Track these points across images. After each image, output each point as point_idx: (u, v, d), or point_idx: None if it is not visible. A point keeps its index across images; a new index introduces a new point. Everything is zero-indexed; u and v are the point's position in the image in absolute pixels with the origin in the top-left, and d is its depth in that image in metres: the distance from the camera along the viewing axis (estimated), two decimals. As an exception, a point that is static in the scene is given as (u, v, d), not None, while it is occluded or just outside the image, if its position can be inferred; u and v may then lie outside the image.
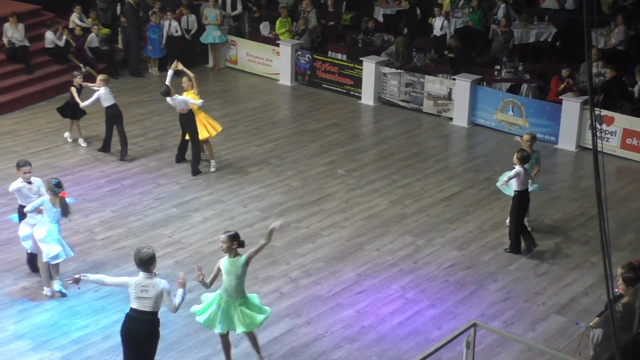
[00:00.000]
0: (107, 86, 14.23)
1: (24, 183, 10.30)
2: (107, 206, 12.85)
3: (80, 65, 18.61)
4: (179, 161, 14.53)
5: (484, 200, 13.33)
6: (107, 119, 14.52)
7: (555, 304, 10.38)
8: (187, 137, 14.12)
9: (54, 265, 10.12)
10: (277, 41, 19.75)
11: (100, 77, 14.41)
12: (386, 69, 17.91)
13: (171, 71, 14.19)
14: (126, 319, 7.95)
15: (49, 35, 18.55)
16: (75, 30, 19.15)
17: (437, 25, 19.49)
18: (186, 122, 13.89)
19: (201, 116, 14.06)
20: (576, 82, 16.23)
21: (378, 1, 22.59)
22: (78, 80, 14.82)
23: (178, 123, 14.21)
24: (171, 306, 7.87)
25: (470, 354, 7.91)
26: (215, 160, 14.43)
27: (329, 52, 19.69)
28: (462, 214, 12.85)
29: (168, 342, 9.29)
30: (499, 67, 17.38)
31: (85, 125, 15.57)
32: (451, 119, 17.07)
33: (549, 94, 16.41)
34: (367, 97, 18.19)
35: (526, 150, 11.39)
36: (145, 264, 7.82)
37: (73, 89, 14.73)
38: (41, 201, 9.93)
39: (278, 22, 20.16)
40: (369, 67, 18.00)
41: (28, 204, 10.13)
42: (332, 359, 9.20)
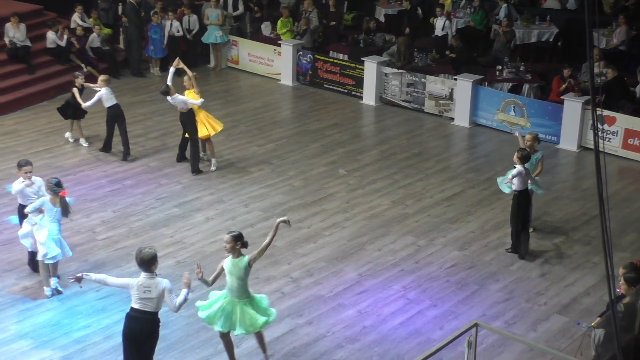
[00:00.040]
0: (108, 87, 14.23)
1: (26, 181, 10.31)
2: (109, 206, 12.86)
3: (82, 65, 18.63)
4: (180, 160, 14.53)
5: (485, 201, 13.32)
6: (109, 119, 14.53)
7: (556, 304, 10.38)
8: (186, 136, 14.15)
9: (52, 264, 10.14)
10: (279, 41, 19.74)
11: (101, 77, 14.41)
12: (388, 69, 17.91)
13: (172, 69, 14.20)
14: (128, 319, 7.95)
15: (50, 35, 18.56)
16: (77, 30, 19.16)
17: (439, 25, 19.49)
18: (186, 120, 13.91)
19: (202, 115, 14.07)
20: (577, 82, 16.22)
21: (379, 1, 22.59)
22: (80, 81, 14.82)
23: (179, 123, 14.21)
24: (172, 305, 7.87)
25: (472, 354, 7.92)
26: (217, 160, 14.44)
27: (331, 52, 19.68)
28: (464, 214, 12.85)
29: (169, 341, 9.30)
30: (500, 67, 17.38)
31: (87, 125, 15.58)
32: (453, 119, 17.06)
33: (551, 94, 16.40)
34: (369, 97, 18.18)
35: (526, 149, 11.37)
36: (146, 264, 7.82)
37: (75, 89, 14.74)
38: (41, 202, 9.94)
39: (279, 22, 20.17)
40: (370, 67, 18.00)
41: (29, 203, 10.14)
42: (333, 359, 9.20)
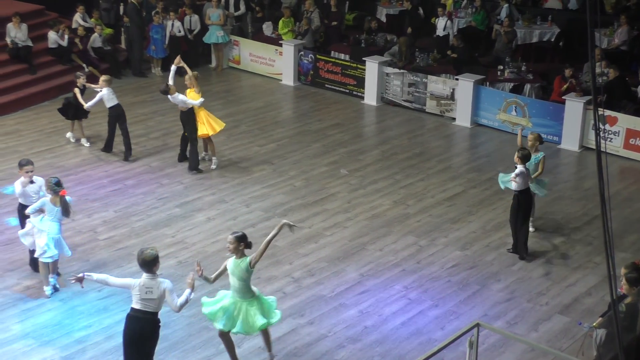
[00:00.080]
0: (109, 87, 14.24)
1: (27, 179, 10.32)
2: (110, 206, 12.86)
3: (84, 65, 18.63)
4: (182, 160, 14.52)
5: (487, 200, 13.32)
6: (110, 119, 14.54)
7: (558, 304, 10.37)
8: (186, 134, 14.17)
9: (52, 262, 10.14)
10: (280, 41, 19.74)
11: (103, 77, 14.42)
12: (389, 69, 17.90)
13: (174, 67, 14.23)
14: (128, 319, 7.95)
15: (51, 35, 18.56)
16: (78, 30, 19.16)
17: (440, 25, 19.49)
18: (186, 119, 13.95)
19: (202, 114, 14.06)
20: (579, 82, 16.21)
21: (381, 1, 22.60)
22: (81, 81, 14.82)
23: (180, 122, 14.22)
24: (173, 305, 7.86)
25: (473, 354, 7.92)
26: (218, 159, 14.44)
27: (332, 52, 19.69)
28: (465, 214, 12.84)
29: (171, 341, 9.30)
30: (502, 67, 17.37)
31: (88, 125, 15.58)
32: (454, 119, 17.06)
33: (552, 94, 16.39)
34: (370, 97, 18.18)
35: (527, 149, 11.36)
36: (148, 265, 7.82)
37: (77, 89, 14.74)
38: (41, 203, 9.94)
39: (281, 22, 20.16)
40: (371, 67, 18.00)
41: (29, 203, 10.16)
42: (334, 359, 9.20)
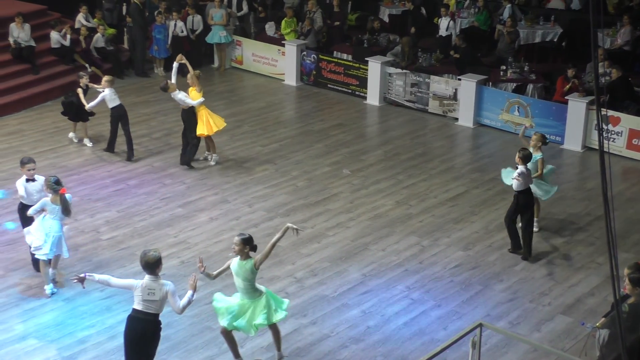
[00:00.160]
0: (112, 87, 14.24)
1: (27, 177, 10.35)
2: (113, 206, 12.87)
3: (86, 66, 18.65)
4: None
5: (489, 201, 13.31)
6: (112, 119, 14.54)
7: (561, 304, 10.36)
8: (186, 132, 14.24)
9: (54, 258, 10.16)
10: (283, 41, 19.75)
11: (105, 78, 14.42)
12: (392, 69, 17.90)
13: (176, 64, 14.29)
14: (130, 320, 7.95)
15: (54, 36, 18.58)
16: (81, 30, 19.18)
17: (443, 25, 19.48)
18: (187, 117, 14.04)
19: (203, 112, 14.07)
20: (582, 82, 16.19)
21: (383, 1, 22.60)
22: (84, 81, 14.83)
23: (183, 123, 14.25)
24: (176, 307, 7.86)
25: (476, 354, 7.91)
26: (220, 158, 14.46)
27: (335, 52, 19.68)
28: (468, 214, 12.84)
29: (173, 341, 9.31)
30: (504, 67, 17.36)
31: (91, 125, 15.56)
32: (457, 119, 17.05)
33: (555, 94, 16.38)
34: (373, 98, 18.18)
35: (528, 149, 11.35)
36: (151, 266, 7.82)
37: (79, 89, 14.75)
38: (42, 203, 9.95)
39: (283, 22, 20.17)
40: (374, 67, 17.99)
41: (31, 202, 10.18)
42: (337, 359, 9.20)
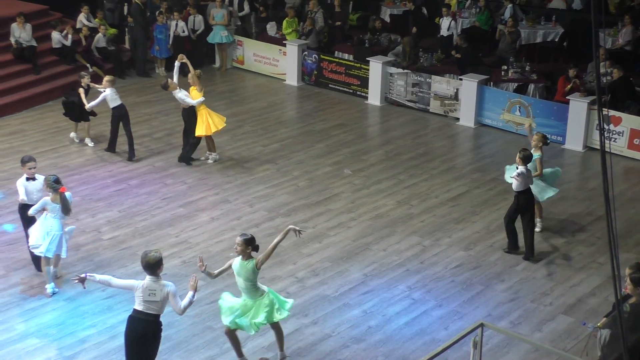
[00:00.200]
0: (113, 87, 14.26)
1: (27, 176, 10.36)
2: (114, 206, 12.87)
3: (88, 65, 18.66)
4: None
5: (490, 201, 13.31)
6: (113, 119, 14.56)
7: (562, 304, 10.36)
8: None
9: (54, 257, 10.17)
10: (284, 41, 19.76)
11: (106, 78, 14.43)
12: (393, 69, 17.90)
13: (177, 63, 14.35)
14: (130, 321, 7.94)
15: (55, 36, 18.60)
16: (83, 30, 19.19)
17: (444, 25, 19.47)
18: (187, 116, 14.10)
19: (204, 112, 14.08)
20: (583, 82, 16.19)
21: (385, 1, 22.59)
22: (86, 81, 14.84)
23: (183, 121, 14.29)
24: (177, 308, 7.85)
25: (477, 354, 7.91)
26: (221, 158, 14.47)
27: (336, 52, 19.69)
28: (469, 214, 12.84)
29: (175, 341, 9.31)
30: (505, 67, 17.36)
31: (92, 125, 15.57)
32: (458, 119, 17.05)
33: (556, 94, 16.37)
34: (374, 97, 18.18)
35: (528, 150, 11.34)
36: (152, 267, 7.81)
37: (81, 89, 14.76)
38: (43, 203, 9.96)
39: (285, 22, 20.17)
40: (375, 67, 17.99)
41: (32, 201, 10.20)
42: (338, 358, 9.20)
